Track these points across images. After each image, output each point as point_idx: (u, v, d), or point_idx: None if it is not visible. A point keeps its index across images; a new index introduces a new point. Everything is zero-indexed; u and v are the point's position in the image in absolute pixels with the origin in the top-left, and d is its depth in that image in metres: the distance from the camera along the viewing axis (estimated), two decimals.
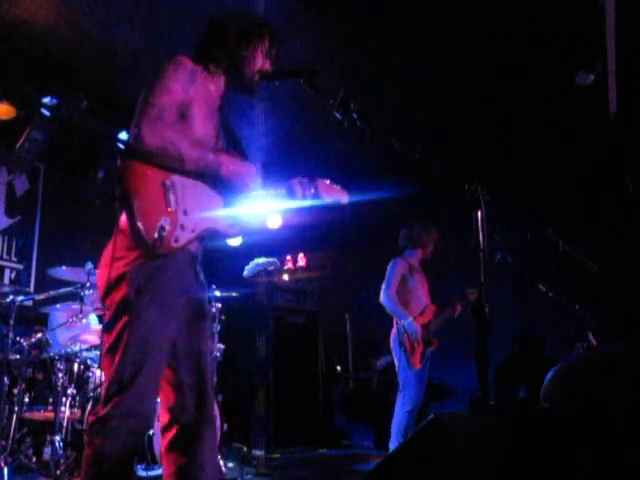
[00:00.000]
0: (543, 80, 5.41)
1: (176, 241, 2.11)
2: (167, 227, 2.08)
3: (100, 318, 5.49)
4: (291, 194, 2.51)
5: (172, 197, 2.13)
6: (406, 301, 4.96)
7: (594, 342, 4.50)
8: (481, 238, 2.15)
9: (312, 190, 2.56)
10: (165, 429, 2.25)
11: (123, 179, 2.07)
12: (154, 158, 2.09)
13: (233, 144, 2.53)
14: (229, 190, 2.36)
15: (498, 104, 5.79)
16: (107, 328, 2.12)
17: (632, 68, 4.80)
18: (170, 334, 2.14)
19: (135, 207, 2.04)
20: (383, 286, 4.97)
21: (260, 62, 2.43)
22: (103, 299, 2.17)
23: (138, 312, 2.07)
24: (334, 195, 2.68)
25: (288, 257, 8.18)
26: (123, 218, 2.12)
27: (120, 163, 2.08)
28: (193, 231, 2.18)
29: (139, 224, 2.03)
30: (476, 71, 5.44)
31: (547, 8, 4.65)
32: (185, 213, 2.15)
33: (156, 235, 2.05)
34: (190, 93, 2.23)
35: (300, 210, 2.67)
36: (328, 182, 2.66)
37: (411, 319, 4.80)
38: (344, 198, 2.74)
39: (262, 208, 2.56)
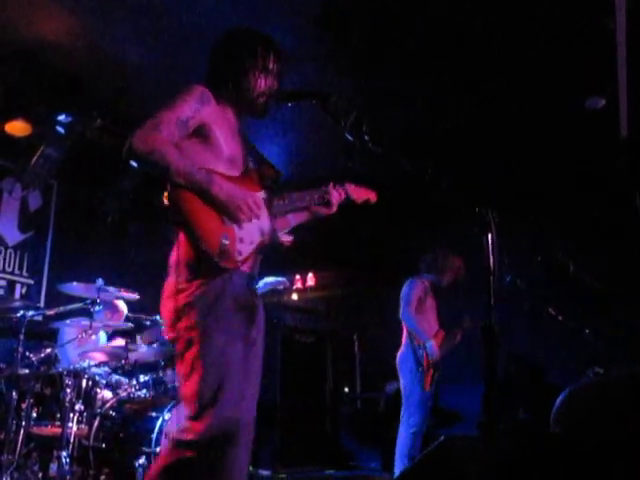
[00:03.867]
0: (554, 104, 5.43)
1: (239, 254, 2.21)
2: (227, 242, 2.17)
3: (108, 335, 5.51)
4: (327, 200, 2.64)
5: (224, 214, 2.20)
6: (421, 323, 4.93)
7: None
8: (491, 261, 2.15)
9: (344, 194, 2.72)
10: None
11: (177, 205, 2.15)
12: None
13: (261, 164, 2.56)
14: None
15: (509, 128, 5.81)
16: (180, 356, 2.20)
17: None
18: (239, 354, 2.19)
19: (195, 229, 2.13)
20: (402, 303, 4.93)
21: (259, 85, 2.44)
22: (170, 329, 2.24)
23: (207, 338, 2.14)
24: (364, 196, 2.87)
25: (297, 276, 8.19)
26: (180, 249, 2.21)
27: (170, 189, 2.16)
28: (252, 243, 2.27)
29: (203, 244, 2.12)
30: (487, 95, 5.46)
31: (558, 33, 4.68)
32: (240, 227, 2.24)
33: (219, 250, 2.13)
34: (202, 113, 2.27)
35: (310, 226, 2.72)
36: (354, 185, 2.81)
37: (433, 341, 4.77)
38: (373, 197, 2.92)
39: (299, 217, 2.68)
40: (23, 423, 4.24)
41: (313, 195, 2.63)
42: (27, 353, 4.53)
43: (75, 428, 4.29)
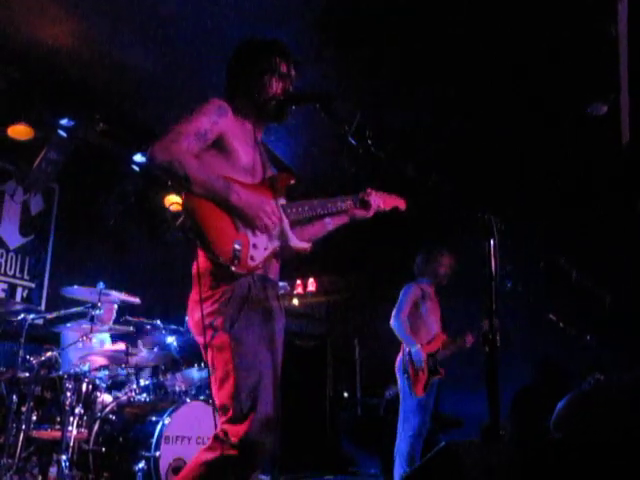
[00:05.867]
0: (556, 110, 5.43)
1: (252, 259, 2.24)
2: (240, 248, 2.20)
3: (112, 337, 5.50)
4: (367, 202, 2.69)
5: (239, 221, 2.24)
6: (416, 327, 4.94)
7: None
8: (493, 266, 2.15)
9: (380, 203, 2.77)
10: None
11: (191, 213, 2.18)
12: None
13: (280, 169, 2.63)
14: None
15: (512, 134, 5.81)
16: (212, 364, 2.24)
17: None
18: (268, 358, 2.23)
19: (208, 237, 2.17)
20: (394, 310, 4.95)
21: (273, 88, 2.48)
22: (199, 338, 2.28)
23: (238, 342, 2.18)
24: (393, 203, 2.89)
25: (298, 281, 8.19)
26: (200, 259, 2.25)
27: (185, 197, 2.19)
28: (266, 249, 2.30)
29: (216, 251, 2.15)
30: (490, 101, 5.47)
31: (560, 39, 4.69)
32: (254, 234, 2.27)
33: (232, 256, 2.17)
34: (220, 125, 2.32)
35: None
36: (382, 192, 2.83)
37: (418, 347, 4.78)
38: (402, 204, 2.94)
39: (336, 220, 2.70)
40: (23, 426, 4.23)
41: (346, 200, 2.67)
42: (28, 356, 4.52)
43: (75, 432, 4.28)
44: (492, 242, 2.16)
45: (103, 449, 4.27)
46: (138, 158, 6.64)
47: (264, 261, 2.29)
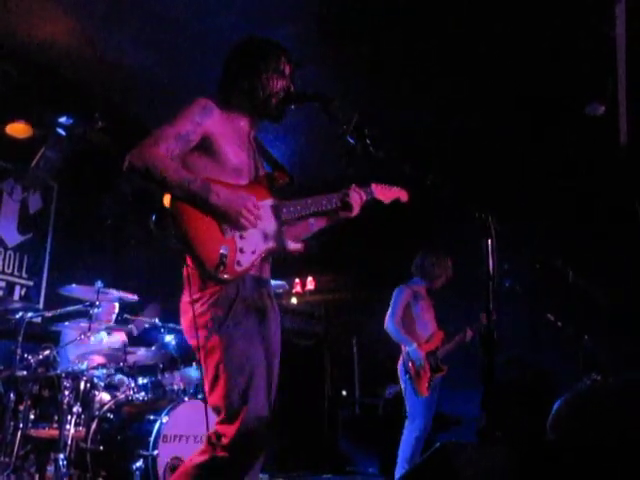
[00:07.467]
0: (554, 111, 5.43)
1: (239, 264, 2.20)
2: (227, 253, 2.16)
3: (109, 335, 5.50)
4: (347, 202, 2.58)
5: (226, 225, 2.21)
6: (411, 328, 4.96)
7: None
8: (490, 266, 2.16)
9: (367, 196, 2.68)
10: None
11: (177, 219, 2.14)
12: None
13: (274, 168, 2.58)
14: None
15: (509, 135, 5.81)
16: (204, 365, 2.23)
17: None
18: (260, 357, 2.22)
19: (194, 243, 2.13)
20: (388, 313, 4.98)
21: (274, 86, 2.45)
22: (191, 339, 2.27)
23: (228, 343, 2.17)
24: (392, 195, 2.83)
25: (297, 280, 8.18)
26: (189, 262, 2.21)
27: (170, 203, 2.15)
28: (254, 252, 2.26)
29: (201, 257, 2.12)
30: (488, 101, 5.47)
31: (558, 39, 4.69)
32: (242, 237, 2.23)
33: (218, 262, 2.13)
34: (204, 126, 2.28)
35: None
36: (381, 185, 2.77)
37: (415, 345, 4.78)
38: (403, 196, 2.88)
39: (320, 221, 2.64)
40: (20, 425, 4.23)
41: (331, 199, 2.58)
42: (25, 355, 4.52)
43: (73, 430, 4.27)
44: (489, 241, 2.16)
45: (101, 448, 4.27)
46: None
47: (251, 265, 2.25)
